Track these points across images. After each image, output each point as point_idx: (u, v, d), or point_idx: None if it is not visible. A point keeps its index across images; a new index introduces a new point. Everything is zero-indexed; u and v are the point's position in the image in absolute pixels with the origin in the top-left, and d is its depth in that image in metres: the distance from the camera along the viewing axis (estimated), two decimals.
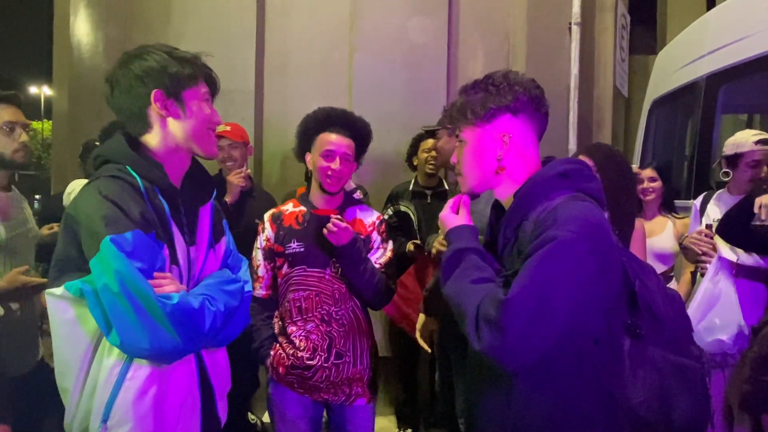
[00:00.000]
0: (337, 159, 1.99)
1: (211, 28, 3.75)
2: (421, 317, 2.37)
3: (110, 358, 1.26)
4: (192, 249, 1.40)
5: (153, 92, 1.31)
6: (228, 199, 2.72)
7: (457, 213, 1.41)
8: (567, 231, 1.15)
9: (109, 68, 1.41)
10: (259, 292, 2.08)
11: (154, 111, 1.33)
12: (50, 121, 4.44)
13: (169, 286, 1.24)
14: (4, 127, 1.99)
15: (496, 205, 1.43)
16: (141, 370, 1.27)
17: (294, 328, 2.00)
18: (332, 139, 2.01)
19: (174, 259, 1.32)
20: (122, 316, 1.18)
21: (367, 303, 2.05)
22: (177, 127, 1.35)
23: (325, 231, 1.90)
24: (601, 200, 1.32)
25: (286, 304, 2.03)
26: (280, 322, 2.07)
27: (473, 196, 1.41)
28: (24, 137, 2.05)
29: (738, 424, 2.39)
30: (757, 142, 2.49)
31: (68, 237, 1.28)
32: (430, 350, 2.38)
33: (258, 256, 2.10)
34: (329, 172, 1.99)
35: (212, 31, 3.74)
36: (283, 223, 2.08)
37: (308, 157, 2.07)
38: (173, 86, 1.32)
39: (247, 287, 1.48)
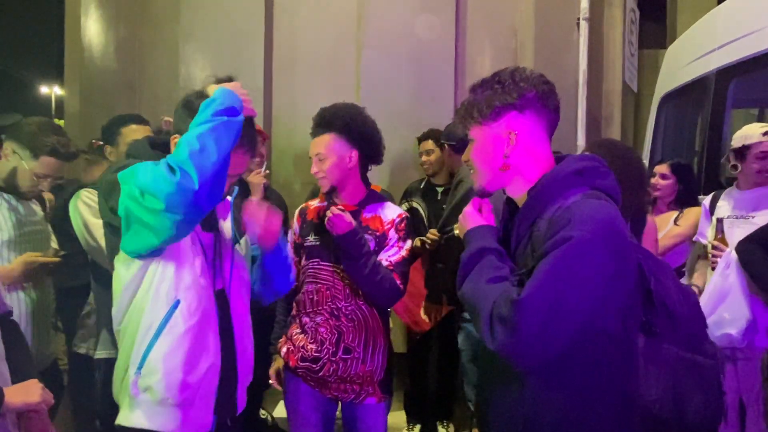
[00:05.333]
0: (313, 162, 2.04)
1: (219, 26, 3.77)
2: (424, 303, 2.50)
3: (147, 317, 1.45)
4: (206, 235, 1.57)
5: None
6: (255, 198, 2.74)
7: (480, 211, 1.40)
8: (582, 231, 1.14)
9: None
10: None
11: None
12: (62, 120, 4.50)
13: None
14: (38, 175, 2.13)
15: (510, 202, 1.42)
16: (176, 328, 1.45)
17: (307, 320, 2.03)
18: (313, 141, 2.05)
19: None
20: (146, 177, 1.32)
21: (369, 300, 2.01)
22: None
23: (326, 221, 1.92)
24: (616, 197, 1.30)
25: (301, 295, 2.06)
26: (295, 312, 2.10)
27: (485, 194, 1.40)
28: (45, 186, 2.19)
29: (752, 416, 2.39)
30: (765, 134, 2.50)
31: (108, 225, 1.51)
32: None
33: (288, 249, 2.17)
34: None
35: (220, 30, 3.76)
36: (306, 217, 2.14)
37: None
38: None
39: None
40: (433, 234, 2.94)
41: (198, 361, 1.48)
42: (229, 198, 1.70)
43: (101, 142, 2.56)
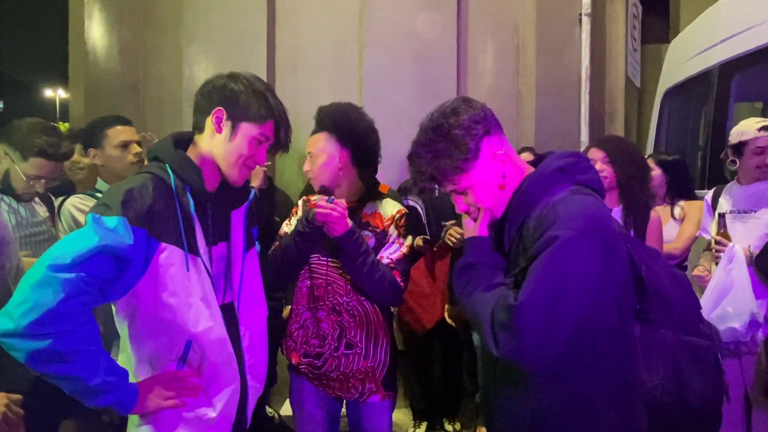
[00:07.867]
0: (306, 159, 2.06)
1: (222, 27, 3.79)
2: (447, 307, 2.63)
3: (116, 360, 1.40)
4: (214, 248, 1.49)
5: (216, 108, 1.44)
6: (255, 184, 2.71)
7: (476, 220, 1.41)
8: (568, 229, 1.17)
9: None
10: None
11: (210, 122, 1.46)
12: (66, 123, 4.54)
13: None
14: (29, 177, 2.10)
15: None
16: (144, 373, 1.41)
17: (308, 315, 2.02)
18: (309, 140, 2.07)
19: (194, 250, 1.42)
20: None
21: (371, 298, 2.00)
22: (218, 145, 1.46)
23: (315, 215, 1.88)
24: (599, 189, 1.34)
25: (304, 290, 2.05)
26: (294, 307, 2.08)
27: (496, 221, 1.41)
28: (39, 188, 2.16)
29: (758, 410, 2.39)
30: (761, 129, 2.50)
31: None
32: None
33: (284, 230, 2.11)
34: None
35: (223, 31, 3.78)
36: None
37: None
38: (235, 112, 1.44)
39: None
40: (457, 232, 2.80)
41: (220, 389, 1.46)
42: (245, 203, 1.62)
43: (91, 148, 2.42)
